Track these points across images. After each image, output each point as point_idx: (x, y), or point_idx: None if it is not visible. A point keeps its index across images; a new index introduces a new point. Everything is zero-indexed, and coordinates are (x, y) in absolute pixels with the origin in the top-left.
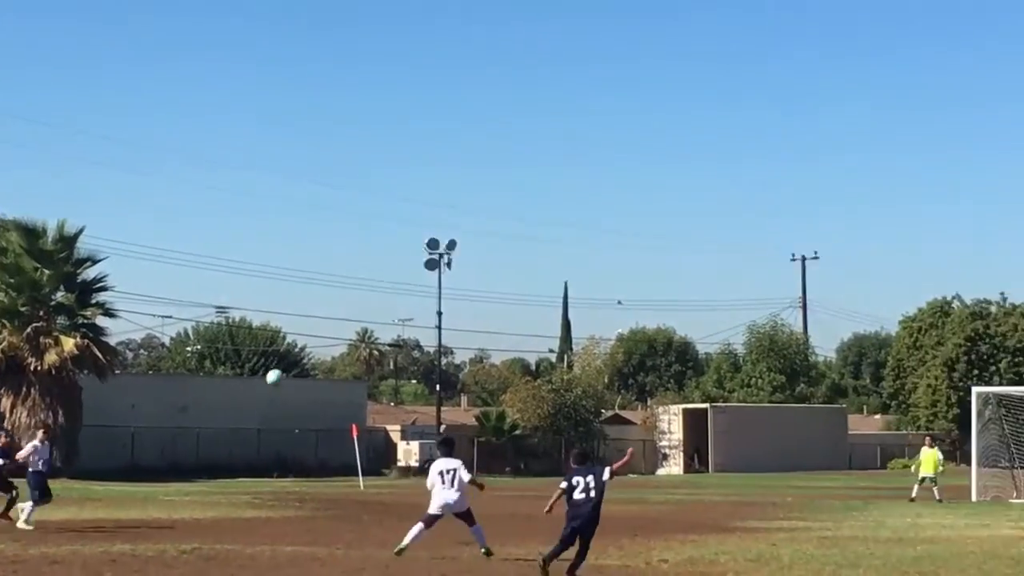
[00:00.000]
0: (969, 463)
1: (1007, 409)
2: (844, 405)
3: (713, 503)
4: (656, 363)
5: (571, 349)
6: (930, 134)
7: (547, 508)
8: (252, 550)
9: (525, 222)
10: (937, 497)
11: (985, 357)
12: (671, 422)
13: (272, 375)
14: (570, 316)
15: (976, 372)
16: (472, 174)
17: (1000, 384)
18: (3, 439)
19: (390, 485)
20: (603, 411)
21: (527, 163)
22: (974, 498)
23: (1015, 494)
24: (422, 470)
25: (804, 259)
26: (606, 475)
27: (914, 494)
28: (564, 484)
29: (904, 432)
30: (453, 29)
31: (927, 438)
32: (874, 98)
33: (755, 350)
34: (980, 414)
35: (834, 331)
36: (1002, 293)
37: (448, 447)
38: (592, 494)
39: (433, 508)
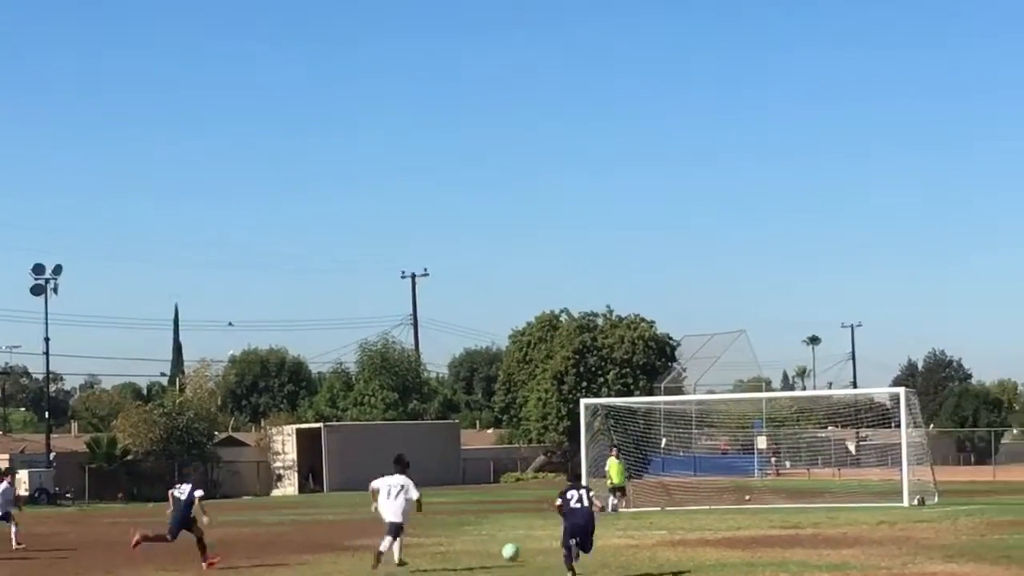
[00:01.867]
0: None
1: (615, 420)
2: (456, 420)
3: (328, 522)
4: (269, 384)
5: (183, 372)
6: (525, 150)
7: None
8: None
9: (133, 245)
10: (611, 508)
11: (593, 369)
12: (285, 443)
13: (508, 550)
14: (181, 339)
15: (585, 384)
16: (79, 199)
17: (608, 395)
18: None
19: None
20: (216, 433)
21: (133, 187)
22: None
23: (625, 503)
24: (32, 499)
25: (414, 276)
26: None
27: (611, 507)
28: (560, 501)
29: (516, 446)
30: (61, 59)
31: (613, 448)
32: (475, 115)
33: (367, 368)
34: (589, 426)
35: (445, 347)
36: (608, 306)
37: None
38: (585, 503)
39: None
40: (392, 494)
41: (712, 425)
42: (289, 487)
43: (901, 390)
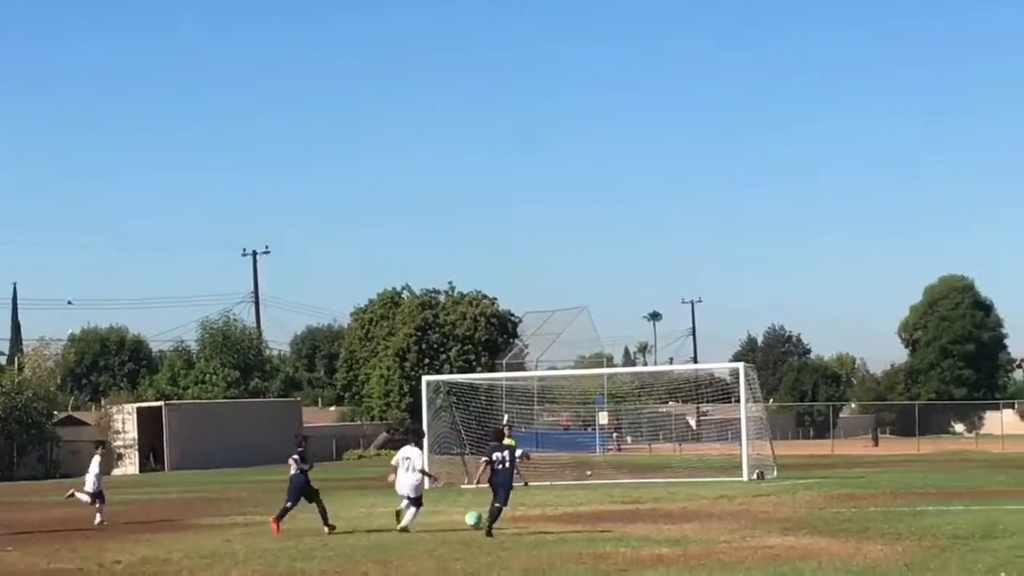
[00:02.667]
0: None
1: (457, 396)
2: (298, 398)
3: (169, 501)
4: (109, 362)
5: (21, 351)
6: (361, 129)
7: (476, 480)
8: None
9: None
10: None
11: (435, 346)
12: (125, 421)
13: (471, 517)
14: (20, 318)
15: (427, 361)
16: None
17: (450, 372)
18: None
19: None
20: (56, 413)
21: None
22: (427, 485)
23: (466, 480)
24: None
25: (255, 254)
26: (519, 452)
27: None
28: (484, 459)
29: (359, 423)
30: None
31: (507, 428)
32: (309, 96)
33: (209, 346)
34: (431, 402)
35: (287, 325)
36: (450, 282)
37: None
38: (508, 464)
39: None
40: (405, 467)
41: (554, 401)
42: (130, 466)
43: (740, 365)
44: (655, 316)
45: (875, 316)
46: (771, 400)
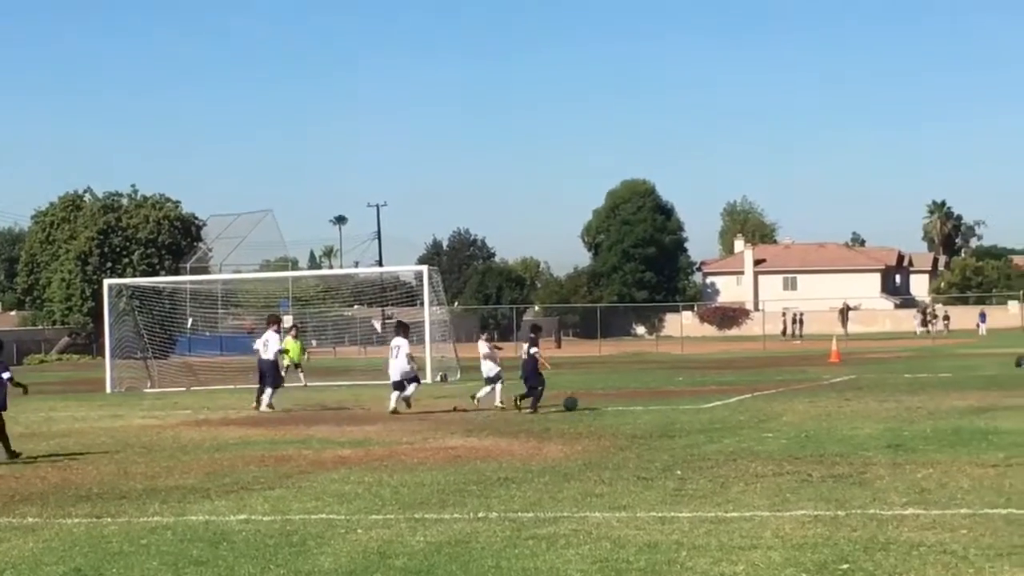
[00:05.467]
0: (104, 355)
1: (140, 300)
2: None
3: None
4: None
5: None
6: (58, 32)
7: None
8: None
9: None
10: (302, 383)
11: (118, 249)
12: None
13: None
14: None
15: (110, 265)
16: None
17: (134, 275)
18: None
19: None
20: None
21: None
22: (109, 390)
23: (149, 384)
24: None
25: None
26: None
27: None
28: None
29: (40, 327)
30: None
31: (293, 328)
32: None
33: None
34: (114, 307)
35: None
36: (133, 186)
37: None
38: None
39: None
40: (394, 354)
41: (239, 305)
42: None
43: (425, 268)
44: (340, 220)
45: (559, 221)
46: (456, 303)
